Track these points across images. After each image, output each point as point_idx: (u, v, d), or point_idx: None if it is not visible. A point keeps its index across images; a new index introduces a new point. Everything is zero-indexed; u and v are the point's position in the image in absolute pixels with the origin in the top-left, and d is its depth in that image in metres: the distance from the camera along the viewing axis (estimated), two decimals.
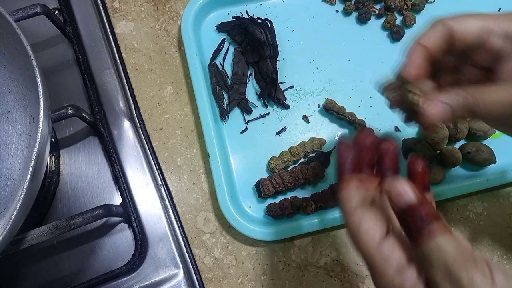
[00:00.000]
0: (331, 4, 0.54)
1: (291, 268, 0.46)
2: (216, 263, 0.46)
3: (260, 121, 0.50)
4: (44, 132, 0.33)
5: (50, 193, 0.45)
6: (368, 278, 0.45)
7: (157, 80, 0.51)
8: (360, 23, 0.53)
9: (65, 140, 0.47)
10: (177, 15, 0.53)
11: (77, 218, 0.39)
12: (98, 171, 0.47)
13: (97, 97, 0.48)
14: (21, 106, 0.41)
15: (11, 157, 0.41)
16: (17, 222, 0.31)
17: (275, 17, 0.53)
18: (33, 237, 0.38)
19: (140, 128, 0.49)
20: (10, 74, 0.41)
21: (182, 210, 0.47)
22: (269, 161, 0.47)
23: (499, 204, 0.48)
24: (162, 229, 0.45)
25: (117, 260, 0.44)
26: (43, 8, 0.44)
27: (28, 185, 0.31)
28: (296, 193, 0.47)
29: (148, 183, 0.46)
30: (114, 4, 0.53)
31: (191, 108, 0.50)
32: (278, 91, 0.50)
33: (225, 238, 0.46)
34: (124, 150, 0.47)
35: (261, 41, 0.49)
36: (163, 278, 0.43)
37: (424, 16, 0.54)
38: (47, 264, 0.44)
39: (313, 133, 0.49)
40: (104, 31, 0.51)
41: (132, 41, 0.52)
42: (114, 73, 0.49)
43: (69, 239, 0.44)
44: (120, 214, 0.43)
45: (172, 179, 0.48)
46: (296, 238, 0.46)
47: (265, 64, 0.49)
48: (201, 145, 0.49)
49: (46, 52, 0.50)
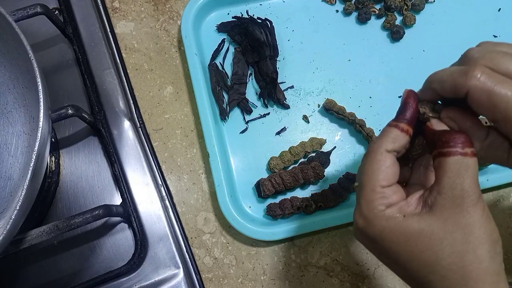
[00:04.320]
0: (331, 4, 0.54)
1: (291, 268, 0.46)
2: (216, 263, 0.46)
3: (260, 121, 0.50)
4: (44, 132, 0.33)
5: (50, 193, 0.45)
6: (368, 278, 0.45)
7: (157, 80, 0.51)
8: (360, 23, 0.53)
9: (65, 140, 0.47)
10: (177, 15, 0.53)
11: (77, 218, 0.39)
12: (98, 171, 0.47)
13: (97, 97, 0.48)
14: (21, 106, 0.41)
15: (11, 157, 0.41)
16: (17, 222, 0.31)
17: (275, 17, 0.53)
18: (33, 237, 0.38)
19: (140, 128, 0.49)
20: (10, 74, 0.41)
21: (182, 210, 0.47)
22: (269, 161, 0.47)
23: (499, 204, 0.48)
24: (162, 229, 0.45)
25: (117, 260, 0.44)
26: (43, 8, 0.44)
27: (28, 185, 0.31)
28: (296, 193, 0.47)
29: (148, 183, 0.46)
30: (114, 4, 0.53)
31: (191, 108, 0.50)
32: (278, 91, 0.50)
33: (225, 238, 0.46)
34: (124, 150, 0.47)
35: (261, 41, 0.49)
36: (163, 278, 0.43)
37: (424, 16, 0.54)
38: (47, 264, 0.44)
39: (313, 133, 0.49)
40: (104, 31, 0.51)
41: (132, 41, 0.52)
42: (114, 73, 0.49)
43: (69, 239, 0.44)
44: (120, 214, 0.43)
45: (172, 179, 0.48)
46: (296, 238, 0.46)
47: (265, 64, 0.49)
48: (201, 145, 0.49)
49: (46, 52, 0.50)
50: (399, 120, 0.30)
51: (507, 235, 0.47)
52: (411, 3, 0.53)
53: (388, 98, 0.51)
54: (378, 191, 0.29)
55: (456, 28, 0.53)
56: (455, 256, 0.26)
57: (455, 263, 0.26)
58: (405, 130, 0.30)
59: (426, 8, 0.54)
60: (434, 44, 0.53)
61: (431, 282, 0.27)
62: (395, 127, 0.30)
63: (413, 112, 0.30)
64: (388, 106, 0.50)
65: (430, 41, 0.53)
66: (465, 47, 0.56)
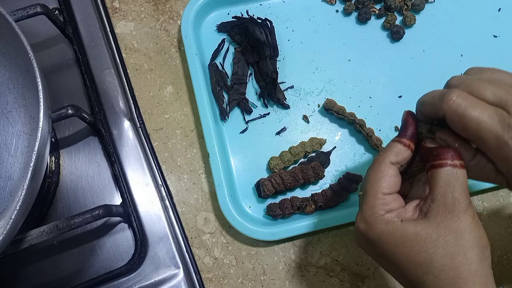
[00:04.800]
0: (331, 4, 0.54)
1: (291, 268, 0.46)
2: (216, 263, 0.46)
3: (260, 121, 0.50)
4: (44, 132, 0.33)
5: (50, 193, 0.45)
6: (368, 278, 0.45)
7: (157, 80, 0.51)
8: (360, 23, 0.53)
9: (65, 140, 0.47)
10: (177, 15, 0.53)
11: (77, 218, 0.39)
12: (98, 171, 0.47)
13: (97, 97, 0.48)
14: (21, 106, 0.41)
15: (11, 157, 0.41)
16: (17, 222, 0.31)
17: (275, 17, 0.53)
18: (33, 237, 0.38)
19: (140, 128, 0.49)
20: (10, 74, 0.41)
21: (182, 210, 0.47)
22: (269, 161, 0.47)
23: (499, 204, 0.48)
24: (162, 229, 0.45)
25: (117, 260, 0.44)
26: (43, 8, 0.44)
27: (28, 185, 0.31)
28: (296, 193, 0.47)
29: (148, 183, 0.46)
30: (114, 4, 0.53)
31: (191, 108, 0.50)
32: (278, 91, 0.50)
33: (225, 238, 0.46)
34: (124, 150, 0.47)
35: (261, 41, 0.49)
36: (163, 278, 0.43)
37: (424, 16, 0.54)
38: (47, 264, 0.44)
39: (313, 133, 0.49)
40: (104, 31, 0.51)
41: (132, 41, 0.52)
42: (114, 73, 0.49)
43: (69, 239, 0.44)
44: (120, 214, 0.43)
45: (172, 179, 0.48)
46: (296, 238, 0.46)
47: (265, 64, 0.49)
48: (201, 145, 0.49)
49: (46, 52, 0.50)
50: (402, 136, 0.33)
51: (507, 235, 0.47)
52: (411, 3, 0.53)
53: (388, 98, 0.51)
54: (379, 197, 0.31)
55: (456, 28, 0.53)
56: (447, 258, 0.28)
57: (447, 264, 0.28)
58: (407, 144, 0.33)
59: (426, 8, 0.54)
60: (434, 44, 0.53)
61: (425, 282, 0.29)
62: (398, 142, 0.33)
63: (413, 129, 0.33)
64: (388, 106, 0.50)
65: (430, 41, 0.53)
66: (465, 47, 0.56)
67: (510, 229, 0.47)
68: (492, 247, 0.47)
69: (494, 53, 0.52)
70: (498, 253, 0.46)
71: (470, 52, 0.52)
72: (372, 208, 0.31)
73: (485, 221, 0.47)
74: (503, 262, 0.46)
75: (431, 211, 0.30)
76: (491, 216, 0.48)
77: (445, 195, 0.29)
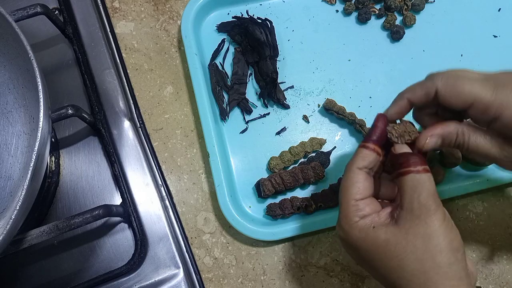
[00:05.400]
0: (331, 4, 0.54)
1: (291, 268, 0.46)
2: (216, 263, 0.46)
3: (260, 121, 0.50)
4: (44, 132, 0.33)
5: (50, 193, 0.45)
6: (368, 278, 0.45)
7: (157, 80, 0.51)
8: (360, 23, 0.53)
9: (65, 140, 0.47)
10: (177, 15, 0.53)
11: (77, 218, 0.39)
12: (98, 171, 0.47)
13: (97, 97, 0.48)
14: (21, 106, 0.41)
15: (11, 157, 0.41)
16: (17, 222, 0.31)
17: (275, 17, 0.53)
18: (33, 237, 0.38)
19: (140, 128, 0.49)
20: (10, 74, 0.41)
21: (182, 210, 0.47)
22: (269, 161, 0.47)
23: (499, 204, 0.48)
24: (162, 229, 0.45)
25: (117, 260, 0.44)
26: (43, 8, 0.44)
27: (28, 185, 0.31)
28: (296, 193, 0.47)
29: (148, 183, 0.46)
30: (114, 4, 0.53)
31: (191, 108, 0.50)
32: (278, 91, 0.50)
33: (225, 238, 0.46)
34: (124, 150, 0.47)
35: (261, 41, 0.49)
36: (163, 278, 0.43)
37: (424, 16, 0.54)
38: (47, 264, 0.44)
39: (313, 133, 0.49)
40: (104, 31, 0.51)
41: (132, 41, 0.52)
42: (114, 73, 0.49)
43: (69, 239, 0.44)
44: (120, 214, 0.43)
45: (172, 179, 0.48)
46: (296, 238, 0.46)
47: (265, 64, 0.49)
48: (201, 145, 0.49)
49: (46, 52, 0.50)
50: (366, 141, 0.34)
51: (507, 235, 0.47)
52: (411, 3, 0.53)
53: (388, 98, 0.50)
54: (352, 204, 0.32)
55: (456, 28, 0.53)
56: (417, 263, 0.29)
57: (417, 269, 0.29)
58: (372, 148, 0.34)
59: (426, 8, 0.54)
60: (434, 44, 0.53)
61: (401, 286, 0.30)
62: (363, 147, 0.34)
63: (380, 133, 0.34)
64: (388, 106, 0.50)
65: (430, 41, 0.53)
66: (465, 47, 0.56)
67: (510, 229, 0.47)
68: (492, 247, 0.47)
69: (494, 53, 0.52)
70: (498, 253, 0.46)
71: (470, 52, 0.52)
72: (347, 216, 0.32)
73: (485, 221, 0.47)
74: (503, 262, 0.46)
75: (400, 217, 0.31)
76: (491, 216, 0.48)
77: (411, 201, 0.30)
